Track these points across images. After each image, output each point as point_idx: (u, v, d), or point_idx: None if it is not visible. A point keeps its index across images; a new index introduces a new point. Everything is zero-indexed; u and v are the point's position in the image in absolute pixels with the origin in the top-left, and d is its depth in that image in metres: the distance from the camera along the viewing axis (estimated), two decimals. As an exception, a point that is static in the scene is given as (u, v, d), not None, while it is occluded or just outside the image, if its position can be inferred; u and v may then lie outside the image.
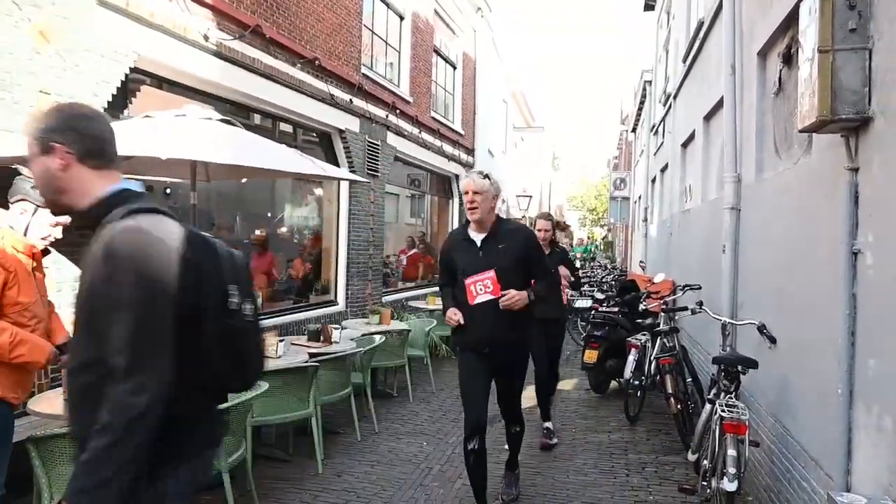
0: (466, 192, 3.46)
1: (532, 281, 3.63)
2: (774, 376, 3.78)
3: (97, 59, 4.36)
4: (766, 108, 4.35)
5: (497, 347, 3.52)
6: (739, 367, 3.57)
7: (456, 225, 13.66)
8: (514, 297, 3.38)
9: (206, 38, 5.42)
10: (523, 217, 21.28)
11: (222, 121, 4.11)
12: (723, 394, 3.57)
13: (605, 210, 37.96)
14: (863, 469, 2.52)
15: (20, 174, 2.62)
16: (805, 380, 3.27)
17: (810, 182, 3.23)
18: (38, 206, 2.55)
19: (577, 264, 8.62)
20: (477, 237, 3.55)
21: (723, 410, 3.34)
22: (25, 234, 2.54)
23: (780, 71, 3.98)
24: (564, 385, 7.43)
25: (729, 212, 4.84)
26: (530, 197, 19.13)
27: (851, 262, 2.61)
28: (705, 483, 3.62)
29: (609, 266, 17.45)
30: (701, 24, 6.79)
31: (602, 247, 32.57)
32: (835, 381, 2.71)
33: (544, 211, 6.24)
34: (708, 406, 3.92)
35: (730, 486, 3.10)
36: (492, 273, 3.41)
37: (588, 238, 40.91)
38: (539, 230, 5.37)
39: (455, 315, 3.50)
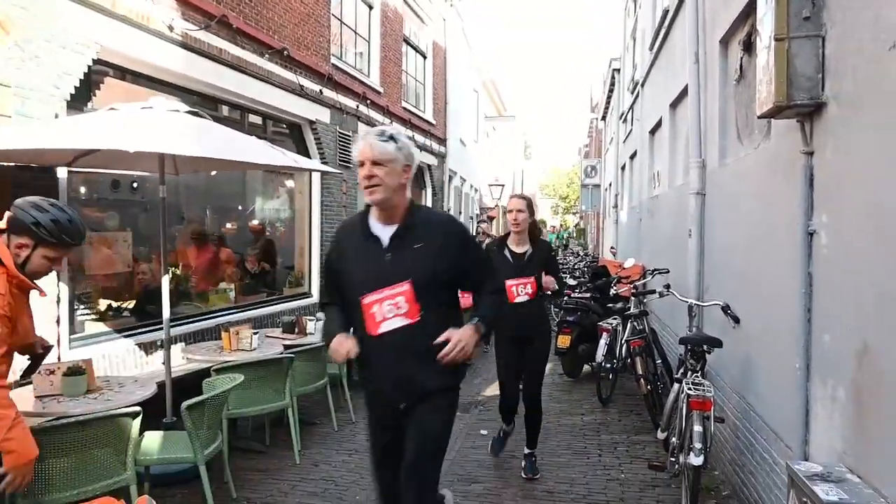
0: (361, 164, 2.29)
1: (464, 295, 2.60)
2: (738, 354, 3.92)
3: (58, 51, 4.26)
4: (729, 95, 4.47)
5: (416, 399, 2.35)
6: (705, 347, 3.70)
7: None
8: (459, 345, 2.22)
9: (170, 28, 5.33)
10: (495, 206, 21.40)
11: (190, 113, 4.05)
12: (689, 372, 3.69)
13: (576, 198, 38.36)
14: (819, 440, 2.65)
15: (17, 205, 2.49)
16: (766, 357, 3.41)
17: (769, 166, 3.35)
18: (38, 242, 2.43)
19: None
20: (383, 232, 2.36)
21: (689, 388, 3.46)
22: (23, 270, 2.44)
23: (741, 58, 4.09)
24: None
25: (694, 197, 4.97)
26: (503, 186, 19.25)
27: (807, 243, 2.72)
28: (673, 459, 3.75)
29: (581, 253, 17.68)
30: (666, 12, 6.90)
31: (575, 234, 32.94)
32: (793, 356, 2.84)
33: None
34: (676, 385, 4.05)
35: (696, 460, 3.22)
36: (406, 286, 2.25)
37: (561, 225, 41.27)
38: (510, 211, 4.17)
39: (346, 343, 2.28)
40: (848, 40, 2.35)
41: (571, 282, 8.99)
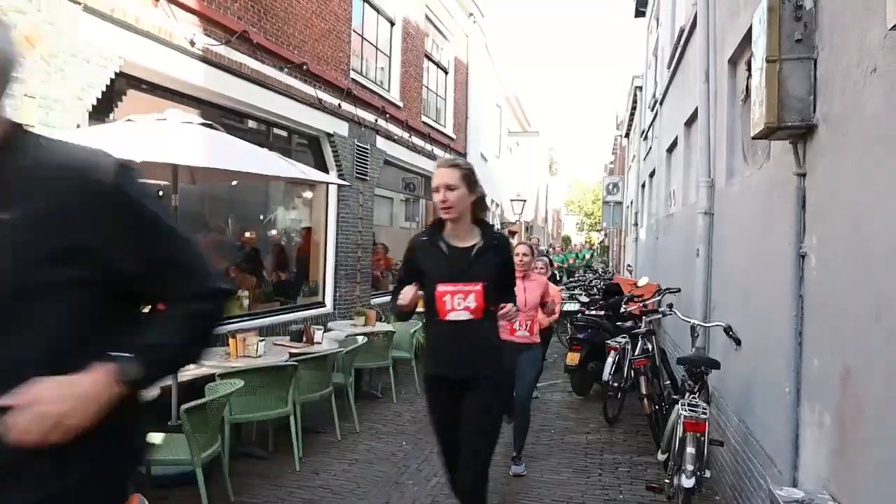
0: None
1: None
2: (739, 377, 3.87)
3: (82, 64, 4.45)
4: (736, 115, 4.45)
5: None
6: (703, 368, 3.66)
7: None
8: (24, 416, 1.04)
9: (192, 43, 5.51)
10: (517, 221, 21.35)
11: (203, 124, 4.19)
12: (687, 393, 3.66)
13: (601, 214, 38.03)
14: (807, 465, 2.60)
15: None
16: (763, 379, 3.36)
17: (769, 187, 3.33)
18: None
19: (558, 276, 8.25)
20: None
21: (684, 409, 3.43)
22: None
23: (748, 79, 4.08)
24: (548, 387, 7.51)
25: (702, 216, 4.94)
26: (524, 201, 19.23)
27: (799, 265, 2.70)
28: (668, 481, 3.70)
29: (600, 270, 17.57)
30: (682, 31, 6.90)
31: (599, 251, 32.65)
32: (785, 380, 2.80)
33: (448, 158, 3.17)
34: (676, 406, 4.01)
35: (687, 482, 3.18)
36: None
37: (586, 242, 40.92)
38: (436, 189, 2.68)
39: None
40: (836, 63, 2.35)
41: (584, 298, 8.94)
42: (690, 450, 3.25)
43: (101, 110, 4.76)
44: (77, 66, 4.41)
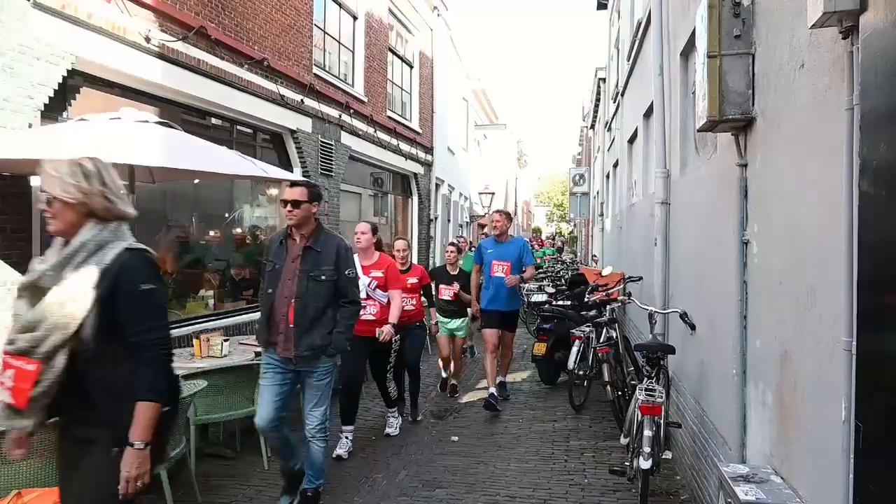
0: None
1: None
2: (695, 361, 4.00)
3: (32, 62, 4.34)
4: (688, 107, 4.57)
5: None
6: (659, 353, 3.78)
7: (416, 222, 13.78)
8: None
9: (147, 39, 5.41)
10: (485, 214, 21.44)
11: (160, 123, 4.14)
12: (645, 379, 3.77)
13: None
14: (753, 442, 2.73)
15: None
16: (714, 362, 3.49)
17: (718, 177, 3.44)
18: None
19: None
20: None
21: (640, 394, 3.54)
22: None
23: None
24: (516, 377, 7.62)
25: (660, 206, 5.07)
26: (493, 194, 19.35)
27: (742, 252, 2.82)
28: (628, 464, 3.82)
29: (569, 261, 17.80)
30: (640, 24, 7.03)
31: (568, 241, 33.03)
32: (732, 362, 2.92)
33: None
34: (637, 391, 4.14)
35: (645, 464, 3.29)
36: None
37: (557, 234, 41.23)
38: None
39: None
40: (771, 58, 2.45)
41: (551, 290, 9.08)
42: (647, 433, 3.37)
43: (54, 109, 4.64)
44: (27, 63, 4.29)
